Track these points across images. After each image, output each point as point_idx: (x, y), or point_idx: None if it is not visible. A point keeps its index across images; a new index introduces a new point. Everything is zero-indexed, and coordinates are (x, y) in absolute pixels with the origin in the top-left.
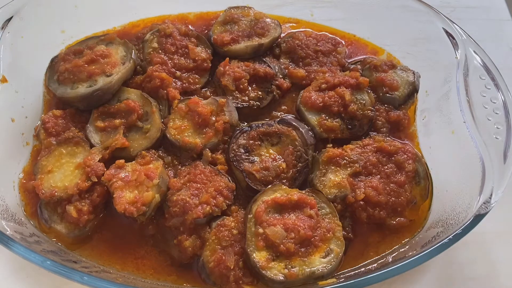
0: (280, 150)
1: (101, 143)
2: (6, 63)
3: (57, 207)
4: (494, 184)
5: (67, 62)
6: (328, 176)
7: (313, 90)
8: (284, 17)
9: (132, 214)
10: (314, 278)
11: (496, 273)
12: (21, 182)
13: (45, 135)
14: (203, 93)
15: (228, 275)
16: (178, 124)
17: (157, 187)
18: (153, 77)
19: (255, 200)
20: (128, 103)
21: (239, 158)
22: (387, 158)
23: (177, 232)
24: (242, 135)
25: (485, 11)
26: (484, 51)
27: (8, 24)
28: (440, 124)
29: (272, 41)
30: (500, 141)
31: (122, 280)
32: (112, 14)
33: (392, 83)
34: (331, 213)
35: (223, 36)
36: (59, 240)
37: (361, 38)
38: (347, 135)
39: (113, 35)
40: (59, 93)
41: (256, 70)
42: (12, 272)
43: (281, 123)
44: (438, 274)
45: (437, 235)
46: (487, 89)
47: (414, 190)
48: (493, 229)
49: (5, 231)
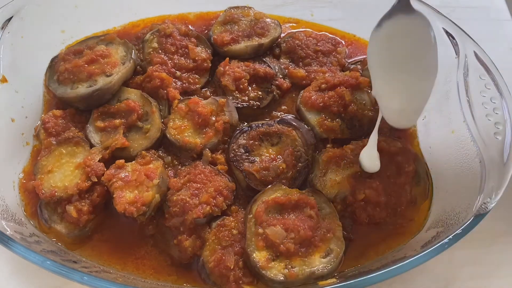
0: (280, 150)
1: (101, 143)
2: (6, 63)
3: (57, 207)
4: (494, 184)
5: (67, 62)
6: (328, 176)
7: (313, 90)
8: (284, 17)
9: (132, 214)
10: (314, 278)
11: (496, 273)
12: (21, 182)
13: (45, 135)
14: (203, 93)
15: (228, 275)
16: (178, 124)
17: (157, 187)
18: (153, 77)
19: (255, 200)
20: (128, 103)
21: (239, 158)
22: (387, 158)
23: (177, 232)
24: (242, 135)
25: (485, 11)
26: (484, 51)
27: (8, 24)
28: (440, 124)
29: (272, 41)
30: (500, 141)
31: (122, 280)
32: (112, 14)
33: None
34: (331, 213)
35: (223, 36)
36: (59, 240)
37: (361, 38)
38: (347, 135)
39: (113, 35)
40: (59, 93)
41: (256, 70)
42: (12, 272)
43: (281, 123)
44: (438, 274)
45: (437, 235)
46: (487, 89)
47: (414, 190)
48: (493, 229)
49: (5, 231)
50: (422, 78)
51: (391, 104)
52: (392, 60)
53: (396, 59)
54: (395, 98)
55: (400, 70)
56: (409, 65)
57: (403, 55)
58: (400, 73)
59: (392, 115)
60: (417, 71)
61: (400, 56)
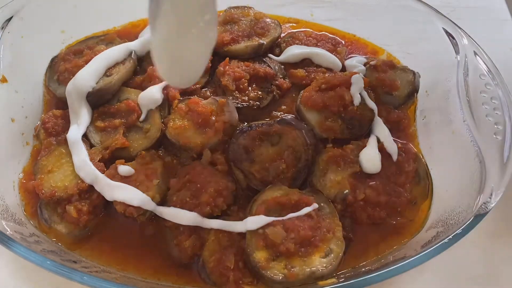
0: (280, 150)
1: (101, 143)
2: (6, 63)
3: (57, 207)
4: (494, 184)
5: (67, 62)
6: (328, 176)
7: (313, 90)
8: (284, 17)
9: (132, 214)
10: (314, 278)
11: (496, 273)
12: (21, 182)
13: (45, 135)
14: (203, 93)
15: (228, 275)
16: (178, 124)
17: (157, 187)
18: (153, 77)
19: (255, 200)
20: (128, 103)
21: (239, 158)
22: (387, 158)
23: (177, 232)
24: (242, 135)
25: (485, 11)
26: (484, 51)
27: (8, 24)
28: (440, 124)
29: (272, 41)
30: (500, 141)
31: (122, 280)
32: (112, 14)
33: (392, 83)
34: (331, 213)
35: (223, 36)
36: (59, 240)
37: (361, 38)
38: (347, 135)
39: (113, 35)
40: (59, 93)
41: (256, 70)
42: (12, 272)
43: (281, 123)
44: (438, 274)
45: (437, 235)
46: (487, 89)
47: (414, 190)
48: (493, 229)
49: (5, 231)
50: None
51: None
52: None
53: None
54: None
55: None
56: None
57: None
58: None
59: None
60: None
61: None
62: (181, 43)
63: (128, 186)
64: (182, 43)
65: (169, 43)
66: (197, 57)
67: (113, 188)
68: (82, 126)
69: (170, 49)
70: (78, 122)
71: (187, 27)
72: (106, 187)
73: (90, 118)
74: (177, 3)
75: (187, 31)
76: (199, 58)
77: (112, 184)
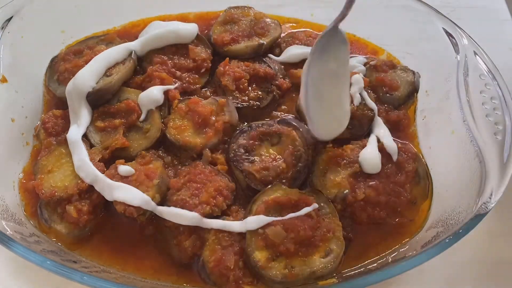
0: (280, 150)
1: (101, 143)
2: (6, 63)
3: (57, 207)
4: (494, 184)
5: (67, 62)
6: (328, 176)
7: None
8: (284, 17)
9: (132, 214)
10: (314, 278)
11: (496, 273)
12: (21, 182)
13: (45, 135)
14: (203, 93)
15: (228, 275)
16: (178, 124)
17: (157, 187)
18: (153, 77)
19: (255, 200)
20: (128, 103)
21: (239, 158)
22: (387, 158)
23: (177, 232)
24: (242, 135)
25: (485, 11)
26: (484, 51)
27: (8, 24)
28: (440, 124)
29: (272, 41)
30: (500, 141)
31: (122, 280)
32: (112, 14)
33: (392, 83)
34: (331, 213)
35: (223, 36)
36: (59, 240)
37: (361, 38)
38: (347, 135)
39: (113, 35)
40: (59, 93)
41: (256, 70)
42: (12, 272)
43: (281, 123)
44: (438, 274)
45: (437, 235)
46: (487, 89)
47: (414, 190)
48: (493, 229)
49: (5, 231)
50: (344, 92)
51: (322, 119)
52: (323, 78)
53: (325, 77)
54: (325, 114)
55: (329, 87)
56: (334, 81)
57: (331, 73)
58: (329, 91)
59: (323, 129)
60: (340, 88)
61: (328, 73)
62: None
63: (128, 186)
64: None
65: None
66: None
67: (113, 188)
68: (82, 126)
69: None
70: (78, 122)
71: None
72: (106, 187)
73: (90, 118)
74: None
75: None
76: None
77: (112, 184)
